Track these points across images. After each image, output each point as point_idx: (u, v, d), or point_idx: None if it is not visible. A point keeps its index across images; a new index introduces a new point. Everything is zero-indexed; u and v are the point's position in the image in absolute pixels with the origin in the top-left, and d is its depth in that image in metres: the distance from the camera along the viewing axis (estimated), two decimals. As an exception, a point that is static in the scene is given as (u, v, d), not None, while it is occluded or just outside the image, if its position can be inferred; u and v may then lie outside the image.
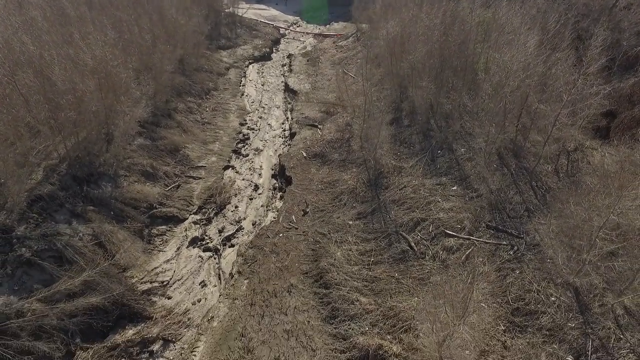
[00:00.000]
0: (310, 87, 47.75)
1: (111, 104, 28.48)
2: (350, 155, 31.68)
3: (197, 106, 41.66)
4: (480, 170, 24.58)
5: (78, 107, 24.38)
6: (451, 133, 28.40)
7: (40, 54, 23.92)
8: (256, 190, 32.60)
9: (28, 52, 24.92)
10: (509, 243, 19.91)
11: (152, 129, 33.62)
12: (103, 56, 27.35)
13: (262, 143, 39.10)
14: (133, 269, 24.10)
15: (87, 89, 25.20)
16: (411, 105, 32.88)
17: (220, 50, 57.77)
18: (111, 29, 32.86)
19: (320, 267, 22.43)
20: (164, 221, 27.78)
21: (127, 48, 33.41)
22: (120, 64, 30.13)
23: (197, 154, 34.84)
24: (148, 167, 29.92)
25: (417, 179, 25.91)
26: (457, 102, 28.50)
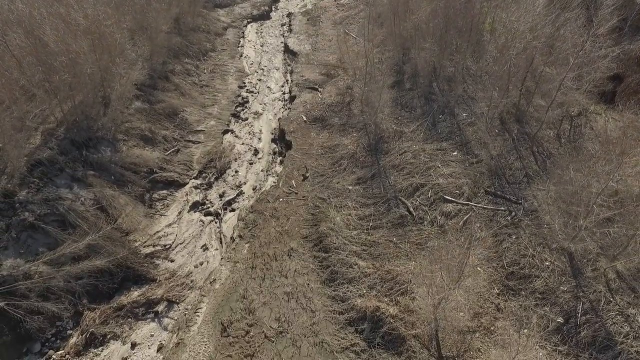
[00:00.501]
0: (310, 48, 46.44)
1: (106, 66, 27.84)
2: (350, 119, 31.30)
3: (195, 68, 40.73)
4: (482, 135, 24.36)
5: (72, 69, 23.85)
6: (453, 97, 27.89)
7: (30, 13, 23.08)
8: (256, 155, 32.50)
9: (17, 11, 24.04)
10: (507, 209, 20.07)
11: (149, 92, 33.06)
12: (95, 15, 26.40)
13: (262, 107, 38.54)
14: (136, 233, 24.49)
15: (81, 50, 24.53)
16: (413, 68, 32.09)
17: (217, 8, 55.73)
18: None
19: (320, 232, 22.75)
20: (164, 186, 27.91)
21: (121, 6, 32.20)
22: (114, 24, 29.20)
23: (196, 118, 34.45)
24: (147, 132, 29.68)
25: (418, 144, 25.73)
26: (460, 65, 27.77)
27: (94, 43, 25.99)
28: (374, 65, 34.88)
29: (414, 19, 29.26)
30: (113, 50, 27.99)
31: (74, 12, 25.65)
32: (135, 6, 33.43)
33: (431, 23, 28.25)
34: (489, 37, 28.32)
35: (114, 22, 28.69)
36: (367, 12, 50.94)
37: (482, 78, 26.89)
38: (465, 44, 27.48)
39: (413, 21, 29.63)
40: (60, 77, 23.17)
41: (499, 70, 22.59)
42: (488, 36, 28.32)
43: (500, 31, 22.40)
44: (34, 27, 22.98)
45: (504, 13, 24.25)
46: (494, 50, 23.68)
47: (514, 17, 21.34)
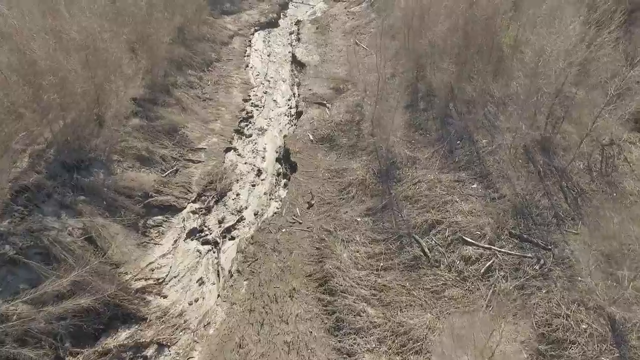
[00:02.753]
0: (319, 59, 44.63)
1: (101, 83, 26.17)
2: (360, 140, 29.36)
3: (198, 80, 39.07)
4: (504, 166, 22.28)
5: (62, 88, 22.20)
6: (472, 121, 25.83)
7: (19, 28, 21.50)
8: (259, 176, 30.67)
9: (7, 26, 22.49)
10: (534, 255, 17.97)
11: (148, 108, 31.40)
12: (91, 28, 24.75)
13: (267, 122, 36.75)
14: (127, 265, 22.73)
15: (72, 67, 22.87)
16: (428, 86, 30.08)
17: (224, 15, 54.17)
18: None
19: (325, 270, 20.83)
20: (160, 211, 26.14)
21: (119, 17, 30.61)
22: (111, 37, 27.55)
23: (197, 135, 32.73)
24: (143, 151, 27.98)
25: (433, 173, 23.71)
26: (480, 87, 25.72)
27: (87, 59, 24.35)
28: (386, 81, 32.93)
29: (429, 34, 27.23)
30: (109, 65, 26.34)
31: (67, 26, 24.00)
32: (135, 17, 31.81)
33: (449, 40, 26.21)
34: (515, 61, 26.04)
35: (111, 35, 27.03)
36: (378, 23, 49.16)
37: (506, 104, 24.81)
38: (486, 66, 25.41)
39: (429, 37, 27.60)
40: (48, 98, 21.49)
41: (527, 101, 20.48)
42: (514, 60, 26.02)
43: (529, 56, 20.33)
44: (22, 43, 21.35)
45: (532, 34, 22.20)
46: (520, 76, 21.63)
47: (545, 41, 19.27)
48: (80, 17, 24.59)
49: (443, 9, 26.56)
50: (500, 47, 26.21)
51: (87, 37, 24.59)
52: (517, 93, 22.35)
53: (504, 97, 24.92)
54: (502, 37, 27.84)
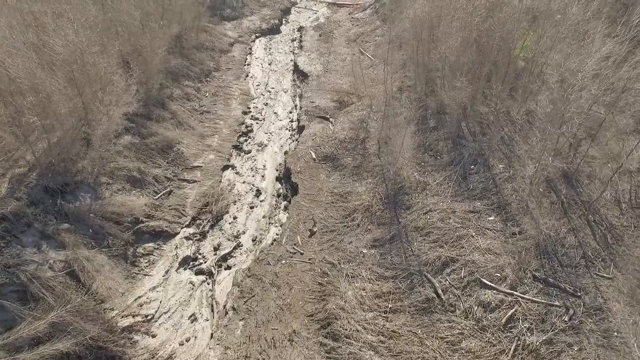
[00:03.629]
0: (322, 69, 42.85)
1: (90, 100, 24.47)
2: (365, 161, 27.55)
3: (196, 91, 37.35)
4: (523, 196, 20.40)
5: (44, 109, 20.48)
6: (487, 143, 23.98)
7: None
8: (258, 197, 28.89)
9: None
10: (562, 304, 16.11)
11: (141, 123, 29.66)
12: (78, 42, 23.03)
13: (267, 136, 34.99)
14: (113, 300, 20.97)
15: (55, 85, 21.16)
16: (439, 103, 28.23)
17: (224, 21, 52.52)
18: (92, 5, 28.22)
19: (328, 311, 19.01)
20: (151, 237, 24.39)
21: (110, 29, 28.92)
22: (102, 50, 25.87)
23: (193, 151, 30.97)
24: (135, 172, 26.23)
25: (446, 201, 21.86)
26: (496, 107, 23.88)
27: (74, 75, 22.62)
28: (393, 96, 31.16)
29: (441, 47, 25.39)
30: (99, 81, 24.62)
31: (52, 40, 22.28)
32: (128, 28, 30.10)
33: (462, 55, 24.37)
34: (538, 82, 24.20)
35: (101, 48, 25.32)
36: (383, 29, 47.38)
37: (524, 128, 22.93)
38: (503, 84, 23.56)
39: (440, 50, 25.76)
40: (28, 120, 19.77)
41: (551, 127, 18.62)
42: (537, 81, 24.16)
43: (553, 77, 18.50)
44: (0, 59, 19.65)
45: (555, 52, 20.36)
46: (543, 99, 19.78)
47: (572, 61, 17.45)
48: (67, 30, 22.83)
49: (455, 21, 24.71)
50: (518, 65, 24.37)
51: (73, 52, 22.87)
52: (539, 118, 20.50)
53: (523, 120, 23.08)
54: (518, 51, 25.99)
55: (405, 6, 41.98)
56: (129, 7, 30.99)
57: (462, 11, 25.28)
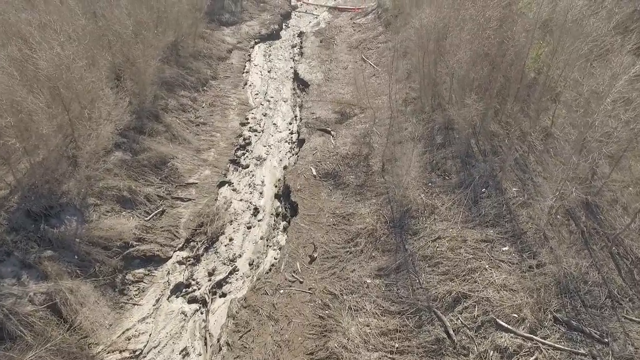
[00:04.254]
0: (323, 78, 41.43)
1: (77, 116, 23.09)
2: (369, 179, 26.12)
3: (192, 102, 35.95)
4: (540, 224, 18.96)
5: (25, 130, 19.09)
6: (498, 164, 22.54)
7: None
8: (255, 216, 27.47)
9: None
10: (588, 352, 14.68)
11: (133, 138, 28.25)
12: (64, 56, 21.64)
13: (266, 150, 33.58)
14: (98, 333, 19.55)
15: (38, 104, 19.76)
16: (446, 118, 26.81)
17: (223, 27, 51.10)
18: (81, 14, 26.85)
19: (330, 349, 17.59)
20: (142, 263, 22.98)
21: (100, 40, 27.55)
22: (91, 63, 24.51)
23: (188, 167, 29.56)
24: (125, 191, 24.81)
25: (455, 228, 20.43)
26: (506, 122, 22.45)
27: (59, 92, 21.23)
28: (397, 108, 29.74)
29: (448, 59, 23.94)
30: (86, 96, 23.23)
31: (35, 54, 20.88)
32: (120, 37, 28.70)
33: (471, 69, 22.94)
34: (557, 104, 22.79)
35: (89, 61, 23.92)
36: (387, 35, 45.99)
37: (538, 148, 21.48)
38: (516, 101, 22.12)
39: (447, 62, 24.32)
40: (6, 143, 18.37)
41: (576, 159, 17.16)
42: (556, 102, 22.76)
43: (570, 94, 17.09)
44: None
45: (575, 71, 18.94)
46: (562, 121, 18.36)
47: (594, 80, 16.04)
48: (52, 42, 21.44)
49: (465, 33, 23.27)
50: (530, 79, 22.94)
51: (59, 66, 21.48)
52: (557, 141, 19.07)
53: (538, 139, 21.64)
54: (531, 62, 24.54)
55: (410, 14, 40.67)
56: (121, 15, 29.58)
57: (471, 22, 23.83)
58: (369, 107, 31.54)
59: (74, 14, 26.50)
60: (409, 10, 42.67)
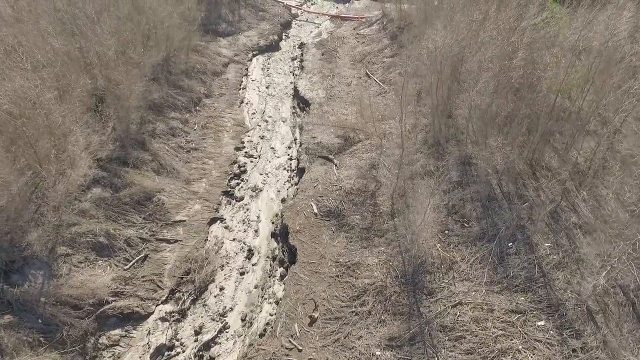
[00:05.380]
0: (324, 95, 38.61)
1: (46, 155, 20.32)
2: (376, 221, 23.30)
3: (183, 124, 33.16)
4: (582, 296, 16.09)
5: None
6: (526, 211, 19.71)
7: None
8: (249, 259, 24.69)
9: None
10: None
11: (115, 171, 25.47)
12: (27, 87, 18.89)
13: (262, 178, 30.79)
14: (63, 416, 16.81)
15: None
16: (462, 150, 23.98)
17: (219, 37, 48.25)
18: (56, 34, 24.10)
19: None
20: (118, 322, 20.20)
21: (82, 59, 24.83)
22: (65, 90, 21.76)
23: (176, 201, 26.77)
24: (102, 236, 22.04)
25: (479, 291, 17.61)
26: (538, 167, 19.65)
27: (22, 129, 18.46)
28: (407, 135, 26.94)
29: (469, 93, 21.10)
30: (56, 131, 20.47)
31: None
32: (101, 58, 25.95)
33: (494, 104, 20.12)
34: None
35: (61, 90, 21.17)
36: (392, 48, 43.20)
37: (572, 193, 18.67)
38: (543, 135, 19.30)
39: (467, 95, 21.49)
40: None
41: (628, 225, 14.38)
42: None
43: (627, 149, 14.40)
44: None
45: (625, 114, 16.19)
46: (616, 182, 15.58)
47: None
48: (15, 72, 18.68)
49: (487, 60, 20.46)
50: (566, 114, 20.12)
51: (23, 100, 18.73)
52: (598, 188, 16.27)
53: (571, 183, 18.81)
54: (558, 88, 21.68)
55: (417, 27, 37.96)
56: (103, 33, 26.80)
57: (493, 46, 20.99)
58: (376, 134, 28.68)
59: (47, 34, 23.73)
60: (417, 23, 39.94)
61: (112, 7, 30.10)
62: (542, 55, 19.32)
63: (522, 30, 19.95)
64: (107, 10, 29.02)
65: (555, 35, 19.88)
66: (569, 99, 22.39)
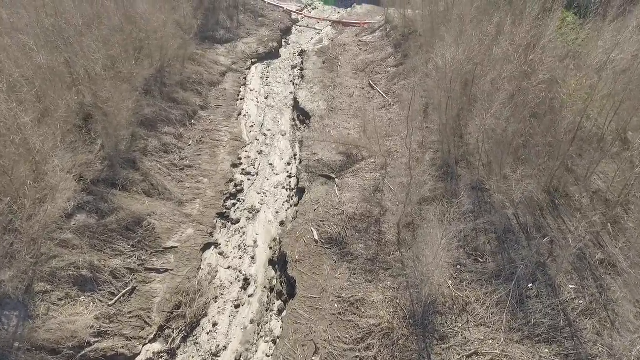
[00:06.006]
0: (326, 107, 36.95)
1: (24, 182, 18.69)
2: (382, 251, 21.63)
3: (177, 139, 31.52)
4: (616, 346, 14.40)
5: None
6: (546, 247, 18.02)
7: None
8: (245, 289, 23.06)
9: None
10: None
11: (102, 195, 23.82)
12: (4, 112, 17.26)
13: (260, 197, 29.15)
14: None
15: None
16: (474, 175, 22.30)
17: (217, 45, 46.66)
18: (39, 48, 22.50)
19: None
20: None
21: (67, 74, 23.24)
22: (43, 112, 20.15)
23: (168, 225, 25.14)
24: (85, 269, 20.40)
25: (497, 339, 15.93)
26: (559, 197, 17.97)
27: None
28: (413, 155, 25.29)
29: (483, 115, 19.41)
30: (34, 157, 18.84)
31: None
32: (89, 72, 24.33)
33: (511, 128, 18.44)
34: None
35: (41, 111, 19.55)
36: (396, 57, 41.51)
37: (596, 227, 17.01)
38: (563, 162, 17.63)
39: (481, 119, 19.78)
40: None
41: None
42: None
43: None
44: None
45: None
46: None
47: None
48: None
49: (504, 81, 18.80)
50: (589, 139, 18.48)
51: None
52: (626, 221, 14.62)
53: (600, 220, 17.13)
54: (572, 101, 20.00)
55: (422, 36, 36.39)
56: (90, 47, 25.19)
57: (509, 64, 19.32)
58: (380, 153, 27.01)
59: (29, 49, 22.11)
60: (423, 32, 38.33)
61: (102, 17, 28.46)
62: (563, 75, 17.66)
63: (542, 49, 18.30)
64: (97, 21, 27.35)
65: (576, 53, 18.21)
66: (588, 117, 20.76)
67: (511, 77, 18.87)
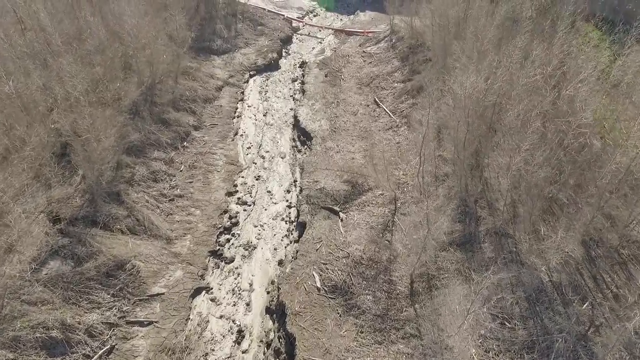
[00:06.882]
0: (328, 127, 34.46)
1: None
2: (393, 306, 19.13)
3: (167, 165, 29.04)
4: None
5: None
6: (587, 315, 15.50)
7: None
8: (239, 343, 20.63)
9: None
10: None
11: (80, 236, 21.39)
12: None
13: (257, 231, 26.71)
14: None
15: None
16: (498, 219, 19.78)
17: (213, 56, 44.20)
18: (9, 74, 20.07)
19: None
20: None
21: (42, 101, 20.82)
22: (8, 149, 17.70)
23: (154, 267, 22.70)
24: (56, 329, 17.92)
25: None
26: (600, 253, 15.51)
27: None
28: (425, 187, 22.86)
29: (512, 157, 16.87)
30: None
31: None
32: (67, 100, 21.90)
33: (542, 170, 15.93)
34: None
35: (6, 150, 17.10)
36: (403, 71, 38.96)
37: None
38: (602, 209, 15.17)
39: (511, 162, 17.23)
40: None
41: None
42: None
43: None
44: None
45: None
46: None
47: None
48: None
49: (532, 117, 16.30)
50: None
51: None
52: None
53: None
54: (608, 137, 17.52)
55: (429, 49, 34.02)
56: (69, 69, 22.75)
57: (539, 96, 16.80)
58: (388, 186, 24.43)
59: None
60: (432, 46, 35.83)
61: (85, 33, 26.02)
62: (606, 114, 15.20)
63: (580, 81, 15.81)
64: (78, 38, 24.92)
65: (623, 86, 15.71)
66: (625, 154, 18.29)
67: (542, 112, 16.37)
